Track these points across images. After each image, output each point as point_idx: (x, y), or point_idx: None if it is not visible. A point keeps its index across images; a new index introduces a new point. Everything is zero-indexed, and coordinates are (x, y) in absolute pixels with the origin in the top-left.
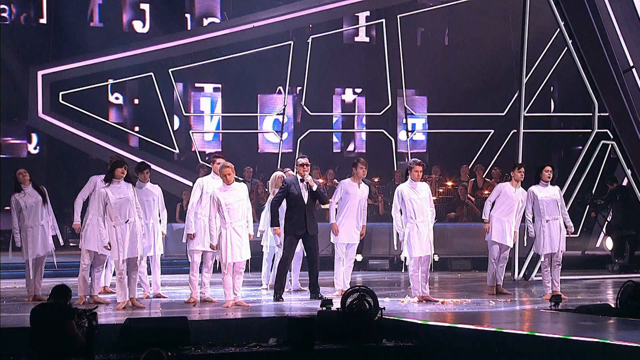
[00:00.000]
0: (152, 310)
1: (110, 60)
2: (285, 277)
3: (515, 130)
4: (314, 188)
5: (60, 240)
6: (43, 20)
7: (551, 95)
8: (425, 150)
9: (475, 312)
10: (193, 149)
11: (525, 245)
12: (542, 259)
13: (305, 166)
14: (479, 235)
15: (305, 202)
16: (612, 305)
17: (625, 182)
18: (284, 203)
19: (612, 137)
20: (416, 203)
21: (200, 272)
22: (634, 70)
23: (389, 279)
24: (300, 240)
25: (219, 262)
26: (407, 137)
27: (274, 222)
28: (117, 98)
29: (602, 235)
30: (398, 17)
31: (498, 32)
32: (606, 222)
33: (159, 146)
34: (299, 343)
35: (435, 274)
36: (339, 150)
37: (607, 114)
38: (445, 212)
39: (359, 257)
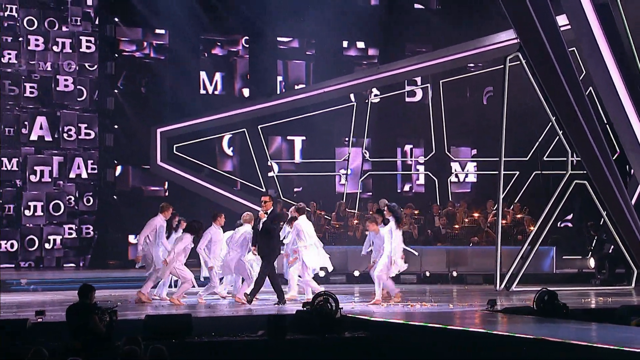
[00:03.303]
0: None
1: (210, 120)
2: (279, 287)
3: (537, 172)
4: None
5: None
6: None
7: None
8: (469, 190)
9: (421, 311)
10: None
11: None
12: None
13: (264, 203)
14: (491, 256)
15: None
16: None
17: None
18: None
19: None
20: None
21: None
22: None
23: (406, 290)
24: None
25: None
26: (448, 178)
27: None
28: (230, 148)
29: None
30: (440, 82)
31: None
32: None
33: (254, 188)
34: (273, 334)
35: (454, 287)
36: (400, 190)
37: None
38: (469, 237)
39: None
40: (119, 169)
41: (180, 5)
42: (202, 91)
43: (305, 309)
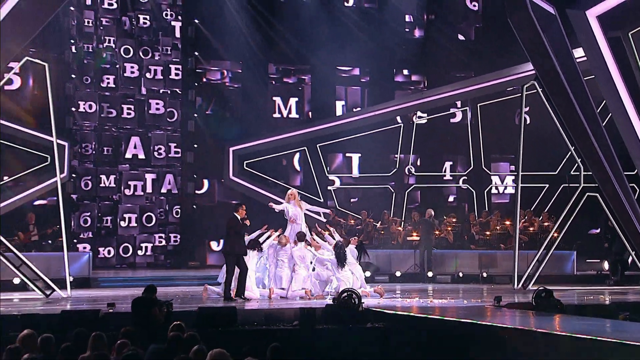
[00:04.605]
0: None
1: (274, 140)
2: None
3: (566, 184)
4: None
5: None
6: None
7: None
8: (508, 201)
9: (434, 306)
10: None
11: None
12: None
13: (241, 210)
14: (519, 258)
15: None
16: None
17: None
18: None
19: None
20: None
21: None
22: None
23: (438, 288)
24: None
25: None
26: (485, 190)
27: None
28: (299, 164)
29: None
30: (478, 105)
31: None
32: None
33: (314, 199)
34: (305, 324)
35: (483, 286)
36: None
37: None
38: (500, 242)
39: (430, 274)
40: (205, 184)
41: (248, 41)
42: (277, 114)
43: (333, 303)
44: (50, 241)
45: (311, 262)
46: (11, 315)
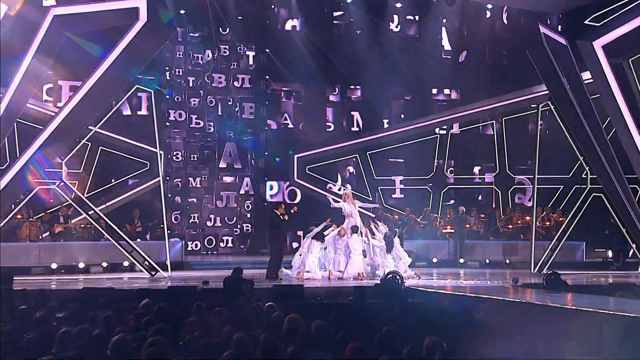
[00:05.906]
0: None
1: (331, 149)
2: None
3: (578, 186)
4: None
5: None
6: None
7: None
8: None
9: (463, 285)
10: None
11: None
12: None
13: (282, 208)
14: (537, 248)
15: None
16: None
17: None
18: None
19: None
20: None
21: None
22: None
23: (468, 272)
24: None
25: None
26: (509, 190)
27: None
28: (353, 169)
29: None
30: (503, 119)
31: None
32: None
33: (365, 198)
34: (357, 299)
35: (507, 270)
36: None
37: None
38: (521, 234)
39: (462, 260)
40: (275, 186)
41: (310, 66)
42: (335, 127)
43: (380, 283)
44: (149, 232)
45: (363, 250)
46: (127, 290)
